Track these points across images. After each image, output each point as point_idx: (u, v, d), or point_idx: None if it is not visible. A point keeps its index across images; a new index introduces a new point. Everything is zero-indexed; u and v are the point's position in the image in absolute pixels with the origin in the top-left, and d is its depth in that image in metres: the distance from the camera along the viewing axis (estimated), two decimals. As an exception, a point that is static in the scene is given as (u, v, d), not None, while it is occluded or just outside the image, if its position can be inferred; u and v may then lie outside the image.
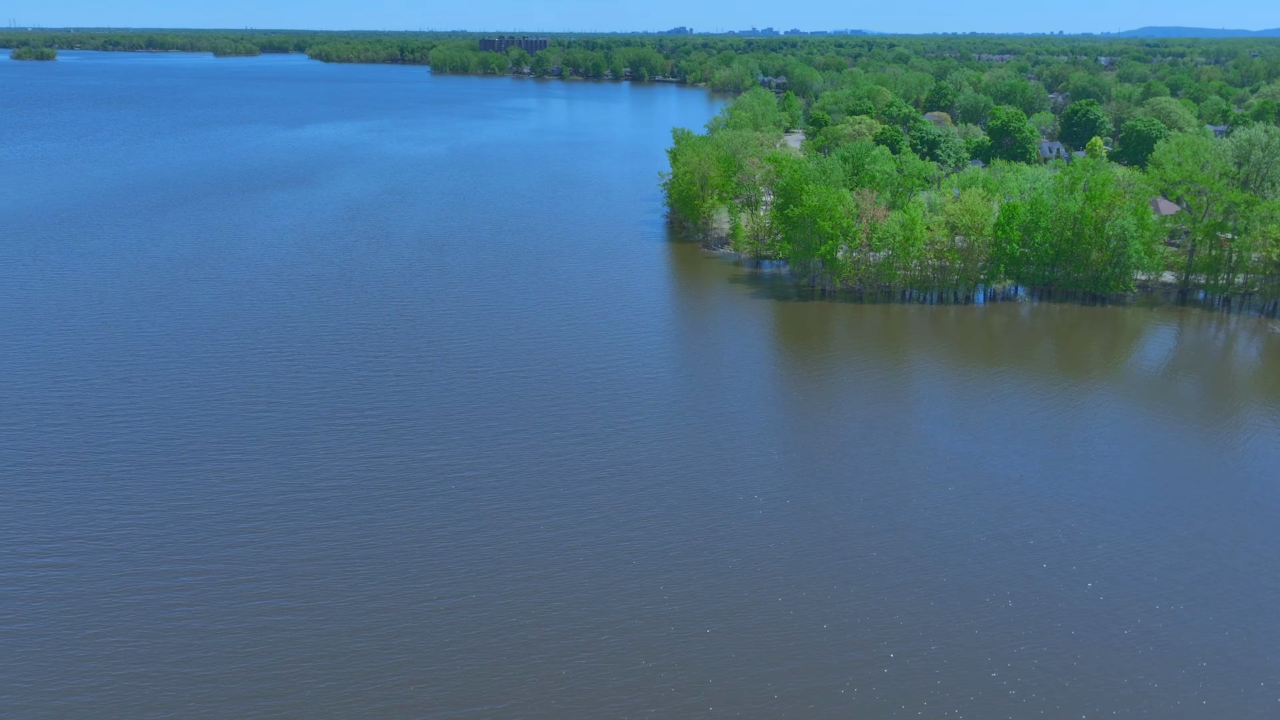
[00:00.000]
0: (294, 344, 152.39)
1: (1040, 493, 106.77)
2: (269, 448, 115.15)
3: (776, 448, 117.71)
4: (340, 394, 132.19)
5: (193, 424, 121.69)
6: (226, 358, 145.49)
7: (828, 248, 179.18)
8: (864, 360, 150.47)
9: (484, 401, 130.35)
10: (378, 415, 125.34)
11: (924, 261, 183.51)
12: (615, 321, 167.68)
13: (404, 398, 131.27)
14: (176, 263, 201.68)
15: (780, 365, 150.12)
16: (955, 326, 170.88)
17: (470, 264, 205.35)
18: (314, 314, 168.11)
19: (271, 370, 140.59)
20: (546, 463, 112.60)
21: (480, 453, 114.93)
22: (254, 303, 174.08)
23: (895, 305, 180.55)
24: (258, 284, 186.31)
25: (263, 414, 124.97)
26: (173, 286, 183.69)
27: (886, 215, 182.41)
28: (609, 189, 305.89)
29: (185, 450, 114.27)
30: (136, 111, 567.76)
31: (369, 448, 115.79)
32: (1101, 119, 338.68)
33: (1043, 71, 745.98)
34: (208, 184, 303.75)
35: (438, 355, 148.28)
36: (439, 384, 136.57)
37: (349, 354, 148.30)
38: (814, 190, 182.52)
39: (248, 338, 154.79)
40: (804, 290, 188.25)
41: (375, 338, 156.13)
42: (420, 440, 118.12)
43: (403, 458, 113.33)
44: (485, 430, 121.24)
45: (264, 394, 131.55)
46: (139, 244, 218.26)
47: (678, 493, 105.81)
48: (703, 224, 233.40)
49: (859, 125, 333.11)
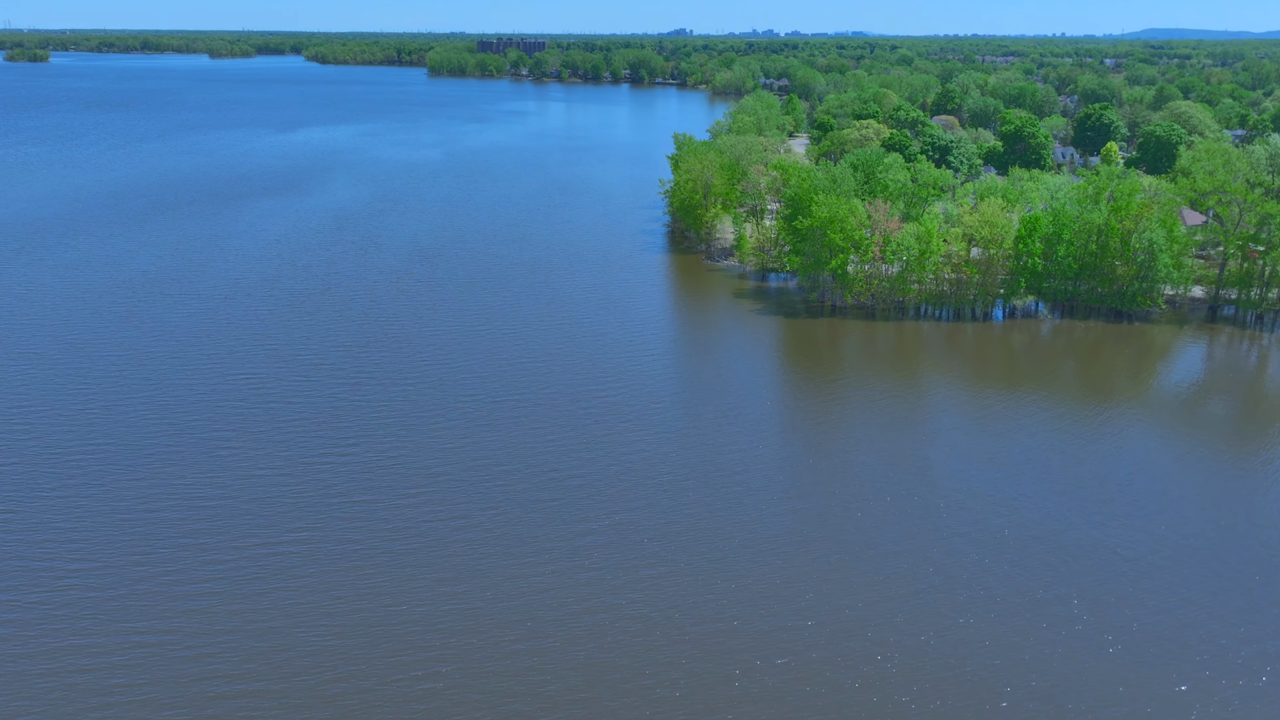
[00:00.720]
0: (269, 367, 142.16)
1: (1081, 542, 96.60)
2: (233, 490, 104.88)
3: (791, 490, 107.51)
4: (316, 425, 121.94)
5: (151, 463, 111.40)
6: (195, 384, 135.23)
7: (839, 261, 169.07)
8: (879, 384, 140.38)
9: (471, 435, 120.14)
10: (355, 450, 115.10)
11: (940, 276, 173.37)
12: (614, 342, 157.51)
13: (384, 430, 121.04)
14: (151, 276, 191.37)
15: (791, 391, 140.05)
16: (974, 345, 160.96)
17: (461, 278, 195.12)
18: (293, 333, 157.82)
19: (242, 398, 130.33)
20: (538, 508, 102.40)
21: (466, 495, 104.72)
22: (229, 321, 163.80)
23: (909, 322, 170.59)
24: (235, 300, 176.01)
25: (230, 450, 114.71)
26: (144, 303, 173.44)
27: (900, 227, 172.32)
28: (608, 196, 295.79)
29: (141, 494, 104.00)
30: (125, 114, 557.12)
31: (344, 490, 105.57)
32: (1116, 123, 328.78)
33: (1049, 74, 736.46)
34: (192, 191, 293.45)
35: (423, 381, 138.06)
36: (423, 414, 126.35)
37: (328, 379, 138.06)
38: (824, 201, 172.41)
39: (220, 361, 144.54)
40: (813, 306, 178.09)
41: (357, 361, 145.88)
42: (401, 481, 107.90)
43: (380, 502, 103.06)
44: (472, 469, 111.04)
45: (233, 426, 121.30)
46: (114, 256, 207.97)
47: (682, 546, 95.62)
48: (706, 234, 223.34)
49: (866, 130, 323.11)
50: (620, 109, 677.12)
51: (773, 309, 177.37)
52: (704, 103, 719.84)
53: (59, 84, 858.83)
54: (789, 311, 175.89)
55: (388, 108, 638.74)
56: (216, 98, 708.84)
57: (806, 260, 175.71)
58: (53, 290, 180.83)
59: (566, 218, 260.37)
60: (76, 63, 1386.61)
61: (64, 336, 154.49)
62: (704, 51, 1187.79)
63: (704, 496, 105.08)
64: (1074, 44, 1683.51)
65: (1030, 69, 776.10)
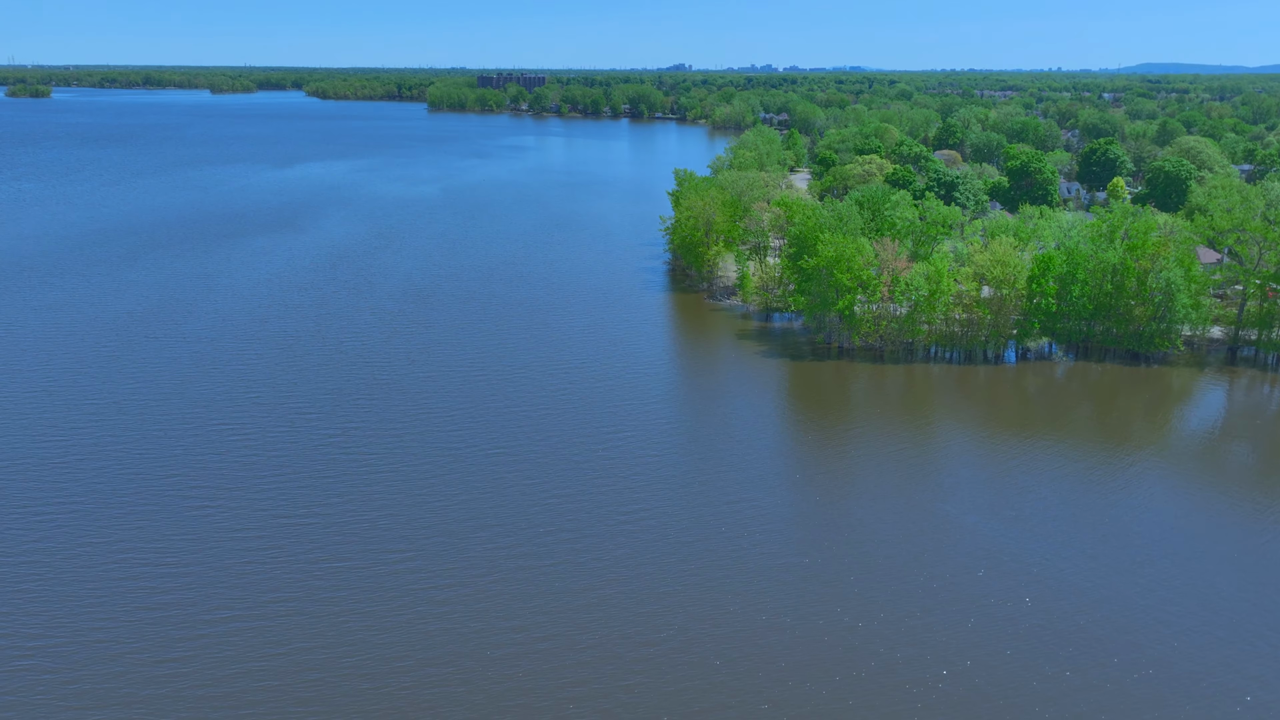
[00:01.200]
0: (253, 416, 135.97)
1: (1117, 607, 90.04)
2: (208, 553, 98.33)
3: (801, 548, 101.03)
4: (300, 480, 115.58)
5: (123, 520, 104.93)
6: (176, 434, 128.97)
7: (846, 302, 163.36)
8: (890, 431, 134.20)
9: (462, 490, 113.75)
10: (340, 507, 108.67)
11: (950, 316, 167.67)
12: (614, 387, 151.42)
13: (372, 485, 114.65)
14: (137, 318, 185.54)
15: (798, 440, 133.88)
16: (986, 389, 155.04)
17: (456, 318, 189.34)
18: (280, 379, 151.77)
19: (224, 449, 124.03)
20: (534, 570, 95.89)
21: (456, 556, 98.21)
22: (214, 365, 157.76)
23: (919, 364, 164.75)
24: (221, 343, 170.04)
25: (207, 507, 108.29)
26: (129, 346, 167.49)
27: (910, 266, 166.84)
28: (608, 233, 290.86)
29: (108, 558, 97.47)
30: (122, 150, 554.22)
31: (326, 552, 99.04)
32: (1122, 158, 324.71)
33: (1049, 108, 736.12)
34: (184, 228, 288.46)
35: (414, 430, 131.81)
36: (413, 466, 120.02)
37: (314, 428, 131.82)
38: (830, 239, 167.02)
39: (203, 408, 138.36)
40: (819, 348, 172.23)
41: (345, 409, 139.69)
42: (387, 541, 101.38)
43: (364, 565, 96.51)
44: (463, 528, 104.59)
45: (211, 481, 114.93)
46: (100, 296, 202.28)
47: (687, 614, 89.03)
48: (708, 272, 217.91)
49: (869, 165, 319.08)
50: (620, 144, 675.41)
51: (777, 350, 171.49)
52: (704, 138, 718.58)
53: (58, 119, 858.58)
54: (794, 353, 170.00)
55: (386, 143, 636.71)
56: (215, 133, 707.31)
57: (812, 300, 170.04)
58: (33, 332, 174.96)
59: (565, 255, 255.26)
60: (78, 98, 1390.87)
61: (40, 382, 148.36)
62: (703, 86, 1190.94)
63: (707, 558, 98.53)
64: (1071, 78, 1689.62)
65: (1030, 103, 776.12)
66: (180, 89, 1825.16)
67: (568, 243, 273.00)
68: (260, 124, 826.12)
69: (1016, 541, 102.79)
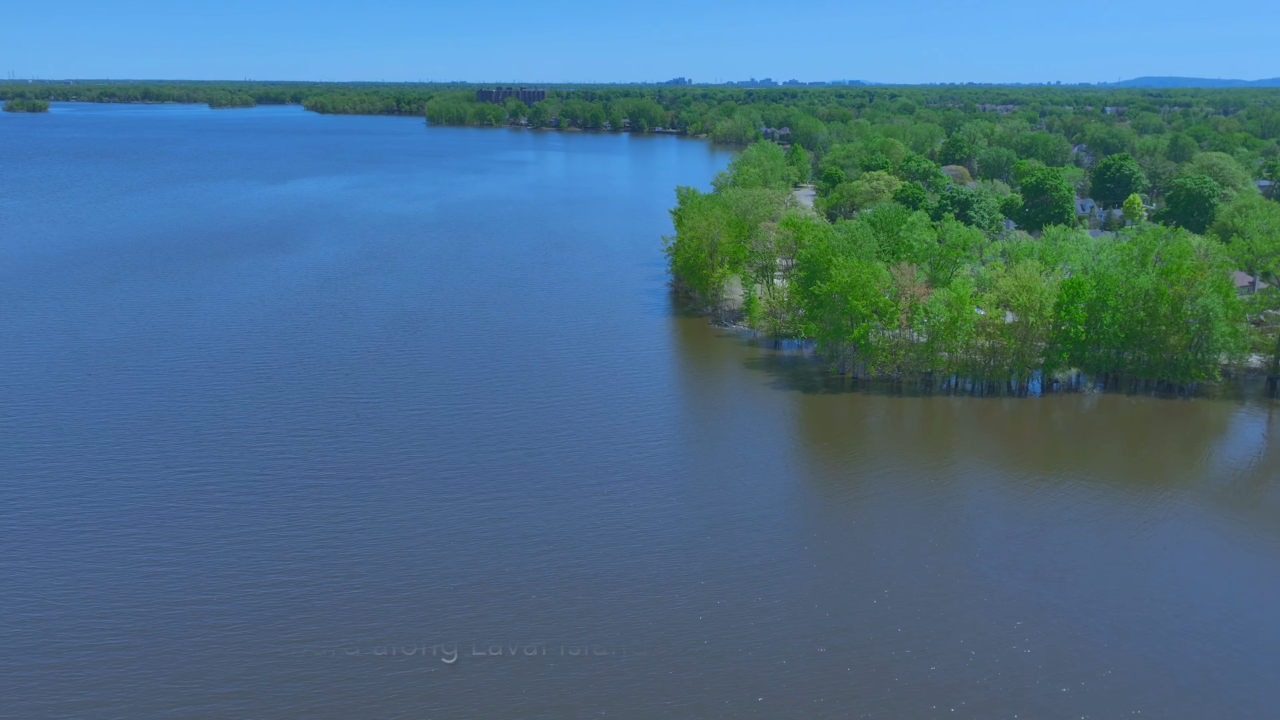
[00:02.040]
0: (222, 457, 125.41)
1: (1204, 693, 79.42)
2: (159, 628, 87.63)
3: (822, 618, 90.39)
4: (267, 536, 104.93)
5: (73, 585, 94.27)
6: (136, 480, 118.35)
7: (861, 330, 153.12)
8: (910, 471, 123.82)
9: (447, 545, 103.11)
10: (310, 570, 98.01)
11: (972, 345, 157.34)
12: (615, 423, 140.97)
13: (348, 542, 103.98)
14: (109, 346, 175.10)
15: (813, 483, 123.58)
16: (1011, 423, 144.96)
17: (447, 347, 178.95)
18: (254, 415, 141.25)
19: (187, 498, 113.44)
20: (529, 642, 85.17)
21: (438, 627, 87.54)
22: (187, 399, 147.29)
23: (938, 397, 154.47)
24: (196, 374, 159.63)
25: (162, 570, 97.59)
26: (96, 377, 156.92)
27: (929, 292, 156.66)
28: (608, 253, 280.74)
29: (57, 626, 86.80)
30: (114, 166, 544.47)
31: (292, 626, 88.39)
32: (1137, 174, 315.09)
33: (1054, 122, 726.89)
34: (168, 248, 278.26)
35: (398, 475, 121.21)
36: (395, 517, 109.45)
37: (287, 474, 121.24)
38: (844, 264, 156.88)
39: (169, 449, 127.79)
40: (832, 379, 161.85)
41: (323, 449, 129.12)
42: (362, 612, 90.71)
43: (335, 645, 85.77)
44: (447, 588, 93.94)
45: (170, 537, 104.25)
46: (73, 322, 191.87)
47: (697, 685, 78.35)
48: (712, 296, 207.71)
49: (876, 181, 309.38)
50: (620, 159, 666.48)
51: (788, 381, 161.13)
52: (705, 152, 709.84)
53: (53, 134, 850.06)
54: (806, 384, 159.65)
55: (383, 158, 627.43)
56: (210, 148, 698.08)
57: (825, 328, 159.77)
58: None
59: (563, 276, 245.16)
60: (75, 113, 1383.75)
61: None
62: (703, 100, 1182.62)
63: (717, 623, 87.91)
64: (1072, 92, 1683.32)
65: (1033, 117, 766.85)
66: (179, 104, 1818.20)
67: (566, 263, 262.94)
68: (256, 139, 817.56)
69: (1059, 605, 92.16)
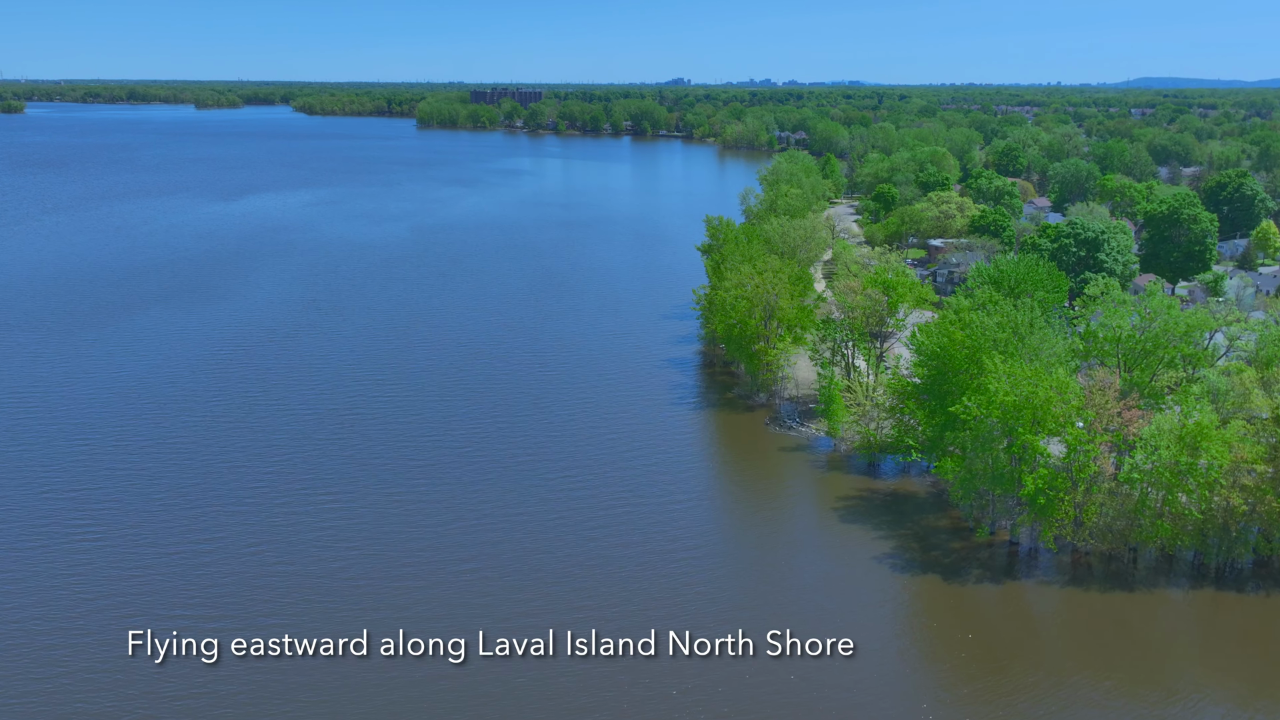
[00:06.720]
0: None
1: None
2: None
3: None
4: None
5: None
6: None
7: (1040, 484, 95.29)
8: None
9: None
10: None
11: (1210, 502, 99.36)
12: (637, 615, 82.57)
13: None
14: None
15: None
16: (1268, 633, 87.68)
17: (395, 458, 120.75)
18: (114, 573, 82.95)
19: None
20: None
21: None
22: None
23: (1160, 589, 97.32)
24: (13, 504, 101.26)
25: None
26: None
27: (1147, 417, 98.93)
28: (617, 298, 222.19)
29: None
30: (52, 177, 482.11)
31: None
32: (1260, 194, 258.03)
33: (1092, 126, 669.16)
34: (56, 292, 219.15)
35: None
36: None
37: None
38: (1006, 370, 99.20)
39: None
40: (977, 549, 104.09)
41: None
42: None
43: None
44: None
45: None
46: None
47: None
48: (768, 381, 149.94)
49: (945, 205, 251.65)
50: (623, 167, 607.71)
51: (903, 547, 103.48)
52: (714, 158, 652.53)
53: (13, 138, 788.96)
54: (933, 556, 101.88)
55: (363, 167, 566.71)
56: (175, 155, 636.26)
57: (969, 471, 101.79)
58: None
59: (561, 337, 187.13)
60: (52, 114, 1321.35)
61: None
62: (707, 101, 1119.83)
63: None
64: (1077, 92, 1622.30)
65: (1064, 119, 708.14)
66: (165, 104, 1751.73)
67: (565, 316, 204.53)
68: (232, 144, 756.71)
69: None
